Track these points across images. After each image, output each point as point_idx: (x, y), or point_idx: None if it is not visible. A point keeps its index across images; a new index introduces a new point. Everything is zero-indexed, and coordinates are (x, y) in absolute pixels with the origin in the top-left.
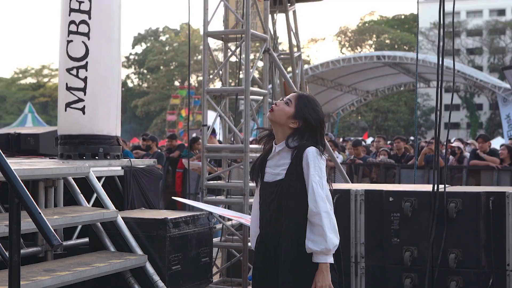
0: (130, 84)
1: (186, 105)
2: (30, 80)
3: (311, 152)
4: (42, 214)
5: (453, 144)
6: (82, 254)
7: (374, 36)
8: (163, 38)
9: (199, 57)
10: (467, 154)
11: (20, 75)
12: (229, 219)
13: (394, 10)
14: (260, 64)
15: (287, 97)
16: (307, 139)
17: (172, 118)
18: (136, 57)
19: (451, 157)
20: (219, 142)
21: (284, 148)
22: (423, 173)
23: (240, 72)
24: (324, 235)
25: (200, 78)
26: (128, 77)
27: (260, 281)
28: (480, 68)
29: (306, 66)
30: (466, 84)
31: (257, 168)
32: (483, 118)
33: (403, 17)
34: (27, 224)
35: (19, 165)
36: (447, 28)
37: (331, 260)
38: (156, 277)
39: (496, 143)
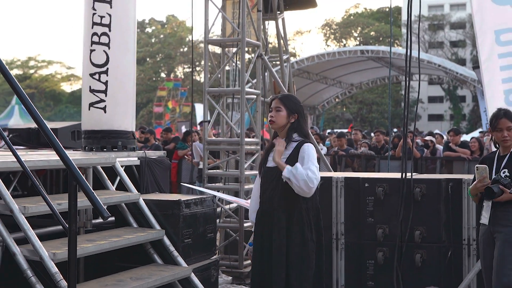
0: None
1: (173, 97)
2: (16, 71)
3: (307, 146)
4: (95, 193)
5: (425, 138)
6: (111, 229)
7: (359, 28)
8: (149, 29)
9: (185, 49)
10: (439, 146)
11: (6, 67)
12: (227, 203)
13: (378, 2)
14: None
15: (274, 106)
16: (303, 127)
17: (159, 110)
18: None
19: (425, 149)
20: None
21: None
22: (400, 163)
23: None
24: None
25: (186, 70)
26: None
27: (259, 245)
28: (463, 60)
29: (292, 59)
30: (447, 78)
31: (261, 162)
32: (466, 110)
33: (387, 9)
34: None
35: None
36: (430, 21)
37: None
38: (172, 248)
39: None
